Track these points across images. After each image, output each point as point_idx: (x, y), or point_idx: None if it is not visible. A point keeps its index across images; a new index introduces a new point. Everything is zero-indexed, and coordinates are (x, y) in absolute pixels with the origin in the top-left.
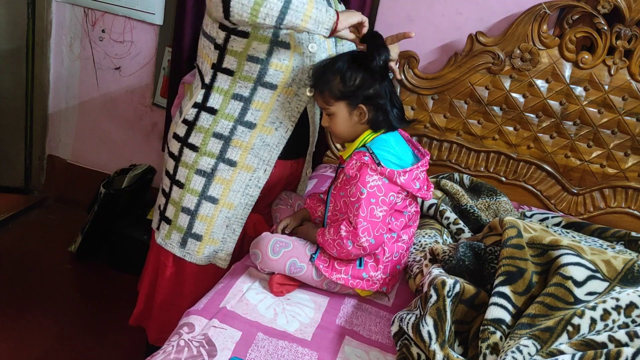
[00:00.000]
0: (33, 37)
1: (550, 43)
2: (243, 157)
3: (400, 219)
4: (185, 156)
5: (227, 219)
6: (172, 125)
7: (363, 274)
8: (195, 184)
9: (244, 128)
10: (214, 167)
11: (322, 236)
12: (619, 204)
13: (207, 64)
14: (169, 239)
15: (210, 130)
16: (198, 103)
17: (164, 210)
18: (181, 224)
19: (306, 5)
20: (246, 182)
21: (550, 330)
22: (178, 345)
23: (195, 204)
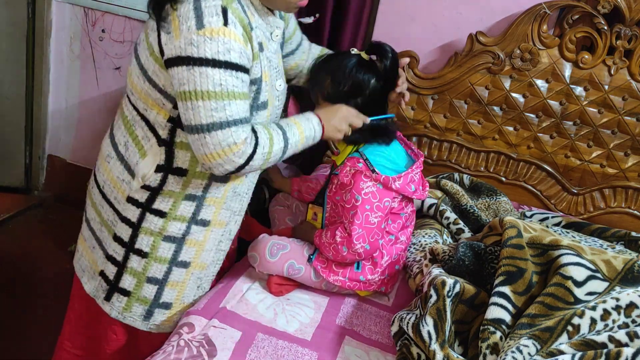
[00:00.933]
0: (33, 37)
1: (550, 43)
2: (216, 213)
3: (397, 220)
4: (148, 223)
5: (199, 279)
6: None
7: (360, 277)
8: (163, 251)
9: (218, 183)
10: (186, 231)
11: (320, 238)
12: (619, 204)
13: (161, 115)
14: (129, 311)
15: (182, 193)
16: (161, 166)
17: (117, 280)
18: (146, 295)
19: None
20: (219, 238)
21: (550, 330)
22: (178, 345)
23: (164, 273)
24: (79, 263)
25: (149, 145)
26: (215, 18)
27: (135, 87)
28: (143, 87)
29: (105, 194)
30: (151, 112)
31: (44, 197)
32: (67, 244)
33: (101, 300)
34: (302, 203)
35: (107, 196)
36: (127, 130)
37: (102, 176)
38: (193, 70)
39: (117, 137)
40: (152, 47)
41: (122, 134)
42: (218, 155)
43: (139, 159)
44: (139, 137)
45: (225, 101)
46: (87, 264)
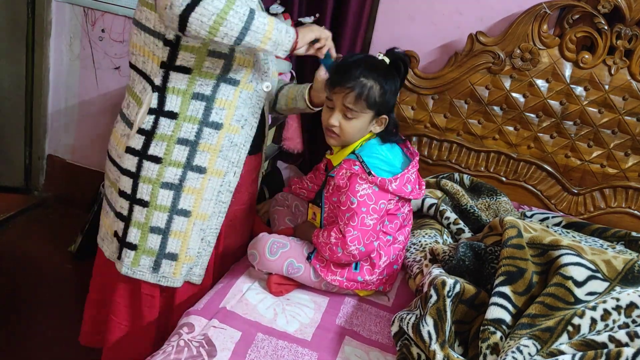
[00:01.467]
0: (33, 37)
1: (551, 43)
2: (212, 161)
3: (394, 221)
4: (146, 170)
5: (202, 231)
6: (116, 139)
7: (358, 277)
8: (162, 199)
9: (210, 129)
10: (182, 177)
11: (317, 238)
12: (619, 204)
13: (154, 62)
14: (137, 265)
15: (173, 136)
16: (154, 109)
17: (124, 235)
18: (151, 246)
19: (266, 26)
20: (217, 188)
21: (550, 330)
22: (178, 345)
23: (165, 221)
24: (100, 235)
25: (145, 95)
26: None
27: (135, 45)
28: (139, 39)
29: (112, 156)
30: (147, 62)
31: (44, 197)
32: (67, 244)
33: (116, 260)
34: (302, 203)
35: (112, 157)
36: (129, 92)
37: (111, 142)
38: None
39: (122, 104)
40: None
41: (126, 98)
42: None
43: (138, 109)
44: (137, 92)
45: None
46: (105, 230)
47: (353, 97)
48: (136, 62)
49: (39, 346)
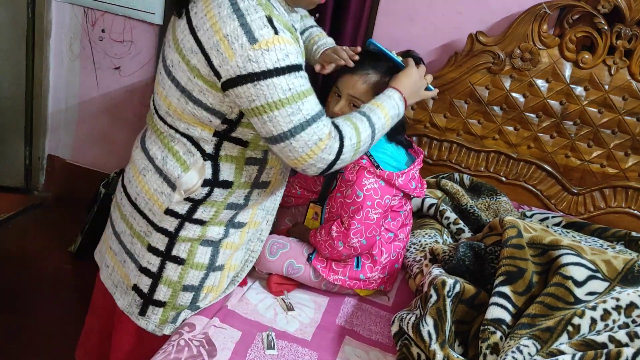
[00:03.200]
0: (33, 37)
1: (551, 43)
2: (253, 215)
3: (397, 218)
4: (186, 231)
5: (228, 278)
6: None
7: (360, 275)
8: (200, 257)
9: (259, 190)
10: (224, 234)
11: (314, 237)
12: (619, 203)
13: (205, 131)
14: (165, 323)
15: (224, 203)
16: (209, 180)
17: (151, 292)
18: (182, 303)
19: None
20: (250, 237)
21: (550, 330)
22: (178, 344)
23: (200, 279)
24: (111, 278)
25: (192, 160)
26: (265, 30)
27: (175, 110)
28: (186, 108)
29: (139, 206)
30: (195, 129)
31: (44, 197)
32: (67, 244)
33: (135, 316)
34: (301, 204)
35: (141, 208)
36: (165, 146)
37: (136, 189)
38: (260, 85)
39: (152, 151)
40: (196, 70)
41: (159, 149)
42: (308, 157)
43: (181, 173)
44: (180, 152)
45: (298, 103)
46: (119, 278)
47: (361, 86)
48: (173, 124)
49: (39, 346)
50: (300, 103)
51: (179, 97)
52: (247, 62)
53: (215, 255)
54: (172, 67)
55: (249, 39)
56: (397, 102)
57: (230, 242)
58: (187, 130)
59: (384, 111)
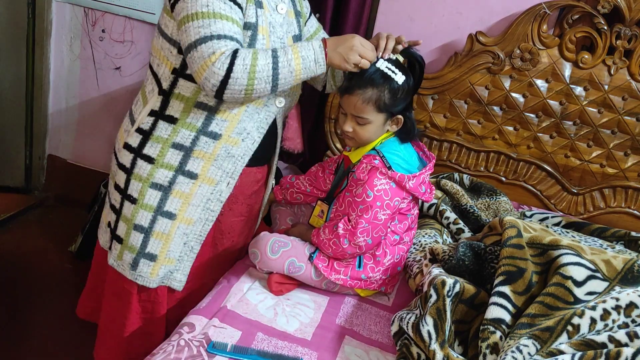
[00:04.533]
0: (33, 37)
1: (550, 43)
2: (205, 168)
3: (404, 221)
4: (138, 168)
5: (185, 235)
6: (120, 134)
7: (362, 275)
8: (150, 198)
9: (207, 138)
10: (172, 180)
11: (317, 236)
12: (619, 203)
13: (167, 67)
14: (120, 259)
15: (169, 140)
16: (155, 111)
17: (115, 227)
18: (133, 243)
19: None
20: (207, 195)
21: (550, 330)
22: (178, 344)
23: (149, 221)
24: (100, 228)
25: (151, 95)
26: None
27: (154, 48)
28: (157, 43)
29: (114, 149)
30: (161, 66)
31: (44, 197)
32: (67, 244)
33: (107, 250)
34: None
35: (115, 150)
36: (141, 90)
37: (117, 136)
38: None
39: (134, 100)
40: (166, 8)
41: (137, 96)
42: (202, 69)
43: (142, 108)
44: (147, 91)
45: (210, 19)
46: (102, 219)
47: (360, 105)
48: (152, 63)
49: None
50: (212, 20)
51: (156, 35)
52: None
53: (164, 200)
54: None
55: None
56: (313, 47)
57: (180, 191)
58: (157, 67)
59: (294, 49)
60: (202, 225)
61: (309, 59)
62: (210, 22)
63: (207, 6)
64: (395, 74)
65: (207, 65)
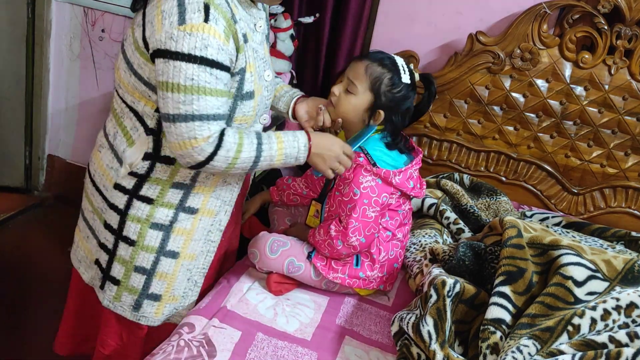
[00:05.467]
0: (33, 37)
1: (551, 43)
2: (205, 202)
3: (395, 217)
4: (135, 210)
5: (189, 271)
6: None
7: (360, 273)
8: (150, 240)
9: (207, 173)
10: (173, 218)
11: (313, 237)
12: (619, 203)
13: (148, 106)
14: (118, 300)
15: (169, 181)
16: (149, 154)
17: (108, 269)
18: (134, 285)
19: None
20: (208, 228)
21: (550, 330)
22: (178, 345)
23: (152, 262)
24: (76, 254)
25: (137, 135)
26: (196, 14)
27: (122, 81)
28: (130, 81)
29: (96, 182)
30: (139, 103)
31: (44, 197)
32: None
33: (97, 288)
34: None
35: (97, 184)
36: (117, 121)
37: (94, 165)
38: (168, 63)
39: (108, 128)
40: (137, 42)
41: (113, 125)
42: (179, 147)
43: (126, 147)
44: (128, 127)
45: (194, 95)
46: (83, 254)
47: (361, 70)
48: (124, 98)
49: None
50: (197, 97)
51: (125, 69)
52: (169, 39)
53: (166, 239)
54: (124, 40)
55: (179, 19)
56: (298, 145)
57: (181, 228)
58: (133, 104)
59: (280, 144)
60: (205, 258)
61: (291, 156)
62: (193, 98)
63: (191, 80)
64: (404, 73)
65: (186, 146)
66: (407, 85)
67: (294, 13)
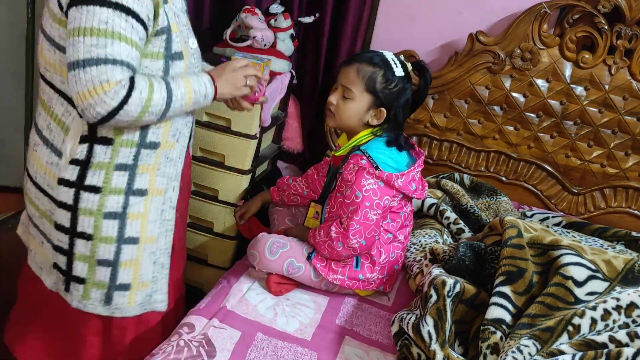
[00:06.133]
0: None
1: (551, 42)
2: (152, 181)
3: (396, 219)
4: (85, 202)
5: (153, 254)
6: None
7: (359, 275)
8: (107, 230)
9: (147, 150)
10: (125, 203)
11: (314, 238)
12: (620, 203)
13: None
14: (88, 298)
15: (111, 163)
16: (85, 136)
17: (69, 269)
18: (101, 279)
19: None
20: (160, 207)
21: (550, 330)
22: (178, 345)
23: (114, 253)
24: (35, 262)
25: (70, 119)
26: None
27: (48, 62)
28: (55, 58)
29: (39, 184)
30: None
31: None
32: None
33: (62, 292)
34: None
35: (41, 185)
36: (47, 112)
37: (33, 167)
38: (81, 9)
39: (39, 124)
40: (52, 12)
41: (44, 118)
42: (89, 94)
43: (64, 137)
44: (59, 114)
45: (107, 39)
46: (41, 259)
47: (352, 74)
48: (52, 80)
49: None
50: (110, 41)
51: (48, 48)
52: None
53: (123, 227)
54: (42, 22)
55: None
56: (204, 81)
57: (135, 212)
58: (62, 85)
59: (187, 83)
60: (165, 238)
61: (200, 93)
62: (107, 42)
63: (105, 23)
64: (396, 66)
65: (97, 92)
66: (402, 78)
67: (294, 13)
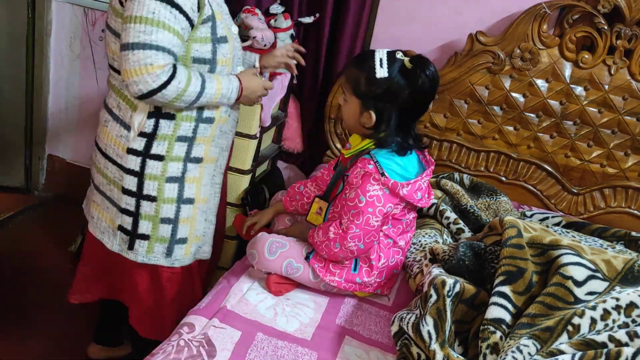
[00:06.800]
0: (33, 37)
1: (551, 43)
2: (207, 151)
3: (397, 225)
4: (150, 168)
5: (204, 213)
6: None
7: (357, 278)
8: (169, 192)
9: (204, 124)
10: (184, 169)
11: (312, 237)
12: (619, 203)
13: None
14: (151, 252)
15: (174, 135)
16: (153, 112)
17: (134, 228)
18: (164, 235)
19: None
20: (212, 172)
21: (550, 330)
22: (178, 345)
23: (174, 211)
24: (97, 227)
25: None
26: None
27: (115, 52)
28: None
29: (109, 155)
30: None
31: (44, 197)
32: (67, 244)
33: (125, 252)
34: None
35: (110, 156)
36: (117, 94)
37: (103, 141)
38: (135, 1)
39: (110, 104)
40: (116, 9)
41: (114, 99)
42: (135, 72)
43: (132, 113)
44: (129, 95)
45: (154, 27)
46: (105, 224)
47: (344, 77)
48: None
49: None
50: (156, 29)
51: (114, 41)
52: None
53: (182, 189)
54: (107, 18)
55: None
56: (233, 87)
57: (192, 177)
58: None
59: (219, 85)
60: (214, 199)
61: (225, 96)
62: (152, 30)
63: (152, 13)
64: (381, 67)
65: (142, 72)
66: (387, 79)
67: (294, 13)
